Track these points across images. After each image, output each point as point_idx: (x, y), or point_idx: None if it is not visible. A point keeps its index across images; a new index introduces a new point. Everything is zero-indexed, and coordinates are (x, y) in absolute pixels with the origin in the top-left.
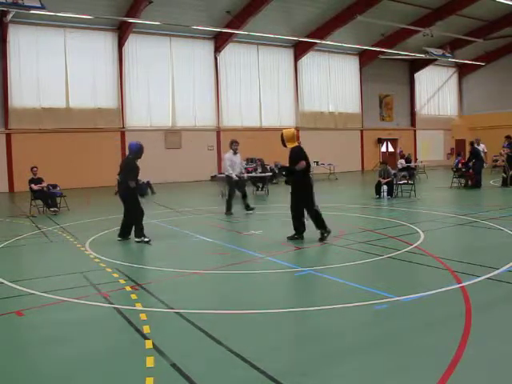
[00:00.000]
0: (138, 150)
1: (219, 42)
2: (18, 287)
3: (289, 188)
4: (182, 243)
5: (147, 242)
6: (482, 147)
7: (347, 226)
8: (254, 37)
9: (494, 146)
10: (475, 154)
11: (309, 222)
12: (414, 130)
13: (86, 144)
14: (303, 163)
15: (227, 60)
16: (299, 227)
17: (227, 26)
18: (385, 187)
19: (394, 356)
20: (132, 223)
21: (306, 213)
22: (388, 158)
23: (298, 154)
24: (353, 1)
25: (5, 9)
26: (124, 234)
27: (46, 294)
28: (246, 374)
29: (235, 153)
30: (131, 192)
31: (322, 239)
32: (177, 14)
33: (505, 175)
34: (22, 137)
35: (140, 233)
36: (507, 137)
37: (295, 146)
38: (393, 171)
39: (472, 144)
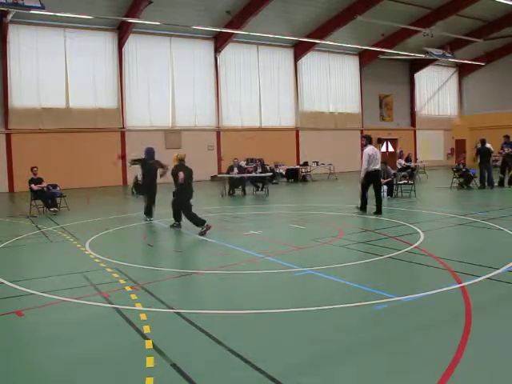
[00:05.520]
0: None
1: (219, 41)
2: (18, 287)
3: (288, 189)
4: (181, 243)
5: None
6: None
7: (347, 226)
8: (254, 37)
9: (494, 146)
10: (488, 153)
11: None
12: (414, 130)
13: (86, 144)
14: (181, 174)
15: (227, 60)
16: (178, 219)
17: (227, 26)
18: (385, 187)
19: (394, 356)
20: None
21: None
22: (388, 158)
23: (173, 170)
24: (353, 1)
25: (5, 9)
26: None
27: (45, 294)
28: (246, 374)
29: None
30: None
31: (201, 234)
32: (177, 14)
33: (502, 175)
34: (21, 137)
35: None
36: (506, 136)
37: (176, 164)
38: (393, 171)
39: (484, 143)
